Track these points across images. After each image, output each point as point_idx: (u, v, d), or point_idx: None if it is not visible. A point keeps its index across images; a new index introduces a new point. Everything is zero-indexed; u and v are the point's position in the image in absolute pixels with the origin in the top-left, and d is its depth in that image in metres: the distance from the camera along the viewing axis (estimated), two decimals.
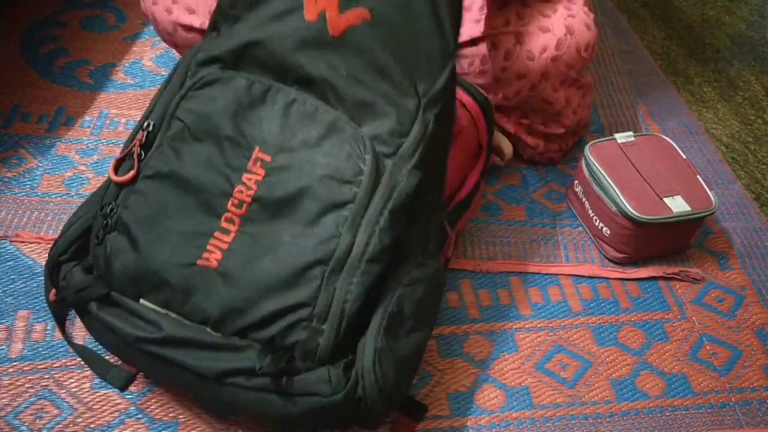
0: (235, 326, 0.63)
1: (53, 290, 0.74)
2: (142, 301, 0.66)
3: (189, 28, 1.02)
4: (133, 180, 0.68)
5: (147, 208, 0.67)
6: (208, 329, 0.64)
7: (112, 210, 0.69)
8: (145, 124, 0.70)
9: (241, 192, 0.65)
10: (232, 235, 0.65)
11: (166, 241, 0.66)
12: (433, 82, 0.65)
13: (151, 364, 0.66)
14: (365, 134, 0.65)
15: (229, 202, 0.65)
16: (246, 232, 0.65)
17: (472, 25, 0.92)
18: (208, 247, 0.65)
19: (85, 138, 1.06)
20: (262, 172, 0.65)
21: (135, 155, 0.69)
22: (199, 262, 0.65)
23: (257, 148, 0.66)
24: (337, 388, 0.62)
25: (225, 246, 0.65)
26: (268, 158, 0.65)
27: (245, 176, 0.65)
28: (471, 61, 0.96)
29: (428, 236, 0.74)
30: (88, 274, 0.69)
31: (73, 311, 0.81)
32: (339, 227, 0.63)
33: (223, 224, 0.65)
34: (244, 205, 0.65)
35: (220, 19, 0.71)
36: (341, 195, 0.64)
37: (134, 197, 0.68)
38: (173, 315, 0.65)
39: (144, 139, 0.69)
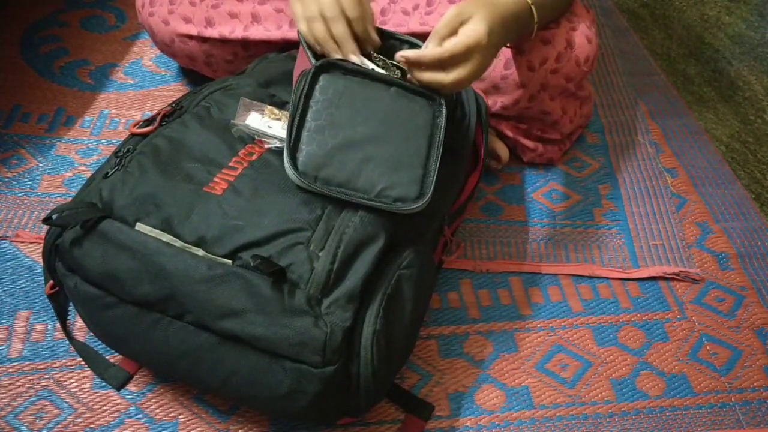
0: (232, 244, 0.63)
1: (50, 282, 0.74)
2: (138, 225, 0.65)
3: (187, 38, 1.02)
4: (151, 134, 0.74)
5: (164, 146, 0.72)
6: (201, 253, 0.64)
7: (127, 151, 0.72)
8: (174, 103, 0.79)
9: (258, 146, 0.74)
10: (240, 170, 0.70)
11: (178, 169, 0.69)
12: None
13: (137, 318, 0.66)
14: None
15: (245, 148, 0.72)
16: (255, 170, 0.70)
17: None
18: (216, 179, 0.68)
19: (85, 138, 1.06)
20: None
21: (158, 118, 0.76)
22: (204, 188, 0.67)
23: None
24: (330, 360, 0.61)
25: (232, 179, 0.68)
26: None
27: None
28: None
29: (426, 229, 0.77)
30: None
31: (73, 309, 0.81)
32: None
33: (233, 163, 0.70)
34: (255, 155, 0.72)
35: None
36: None
37: (151, 142, 0.72)
38: (166, 238, 0.64)
39: (171, 111, 0.77)
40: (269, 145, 0.73)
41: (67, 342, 0.78)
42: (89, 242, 0.66)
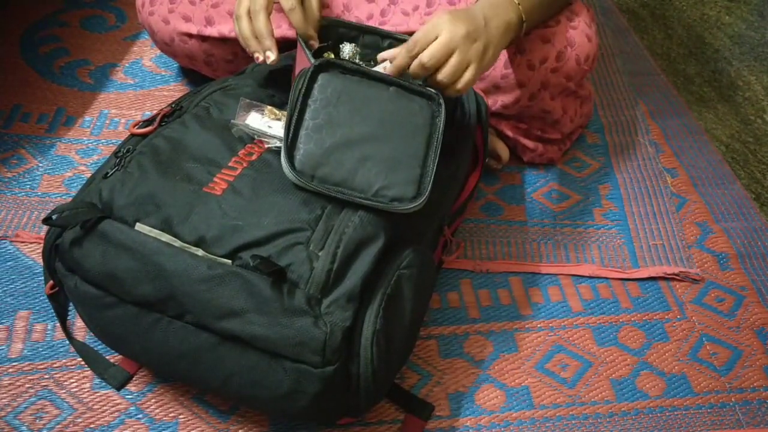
0: (232, 244, 0.63)
1: (50, 282, 0.74)
2: (138, 225, 0.65)
3: (187, 36, 1.03)
4: (151, 134, 0.74)
5: (164, 146, 0.71)
6: (200, 253, 0.64)
7: (127, 151, 0.72)
8: (174, 103, 0.79)
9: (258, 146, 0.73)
10: (240, 170, 0.69)
11: (178, 170, 0.69)
12: None
13: (138, 317, 0.66)
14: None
15: (244, 149, 0.72)
16: (255, 170, 0.70)
17: None
18: (215, 179, 0.68)
19: (85, 138, 1.06)
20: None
21: (158, 118, 0.76)
22: (204, 188, 0.67)
23: None
24: (330, 360, 0.61)
25: (232, 179, 0.68)
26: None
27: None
28: None
29: (425, 229, 0.76)
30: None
31: (73, 309, 0.81)
32: None
33: (233, 163, 0.70)
34: (255, 155, 0.72)
35: None
36: None
37: (151, 142, 0.72)
38: (166, 238, 0.64)
39: (170, 112, 0.77)
40: (269, 145, 0.73)
41: (67, 342, 0.78)
42: (89, 242, 0.66)
